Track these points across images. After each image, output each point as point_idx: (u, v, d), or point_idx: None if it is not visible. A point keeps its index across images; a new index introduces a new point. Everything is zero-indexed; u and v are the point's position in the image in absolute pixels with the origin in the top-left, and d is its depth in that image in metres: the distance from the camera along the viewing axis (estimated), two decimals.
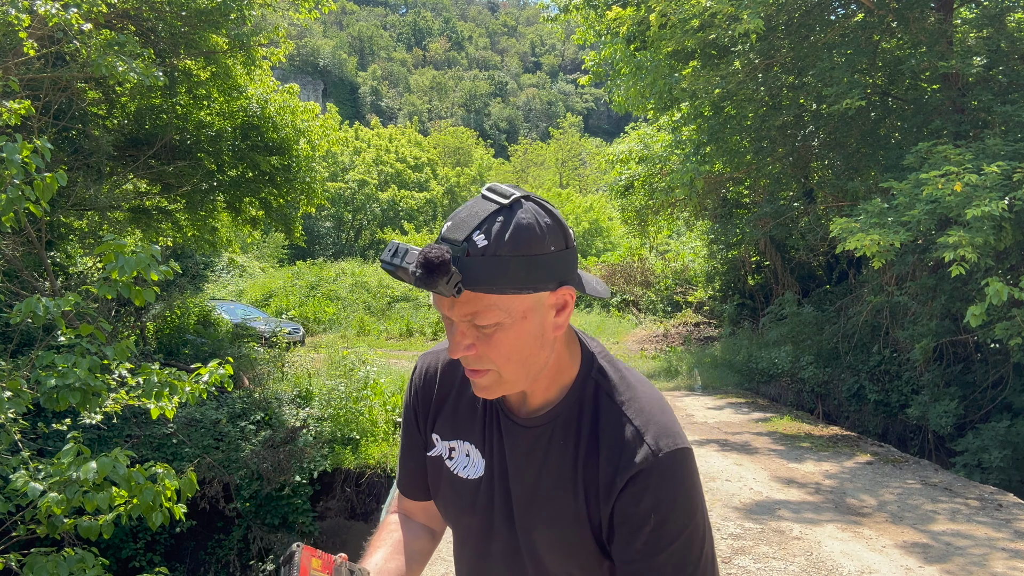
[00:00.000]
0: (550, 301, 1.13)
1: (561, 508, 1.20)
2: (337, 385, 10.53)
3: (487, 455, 1.28)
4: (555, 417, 1.22)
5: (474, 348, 1.12)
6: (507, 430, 1.26)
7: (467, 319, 1.10)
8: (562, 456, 1.21)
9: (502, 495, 1.26)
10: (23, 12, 6.16)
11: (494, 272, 1.06)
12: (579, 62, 30.47)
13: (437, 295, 1.09)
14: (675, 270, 21.08)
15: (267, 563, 9.39)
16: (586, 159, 52.05)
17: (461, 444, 1.31)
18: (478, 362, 1.14)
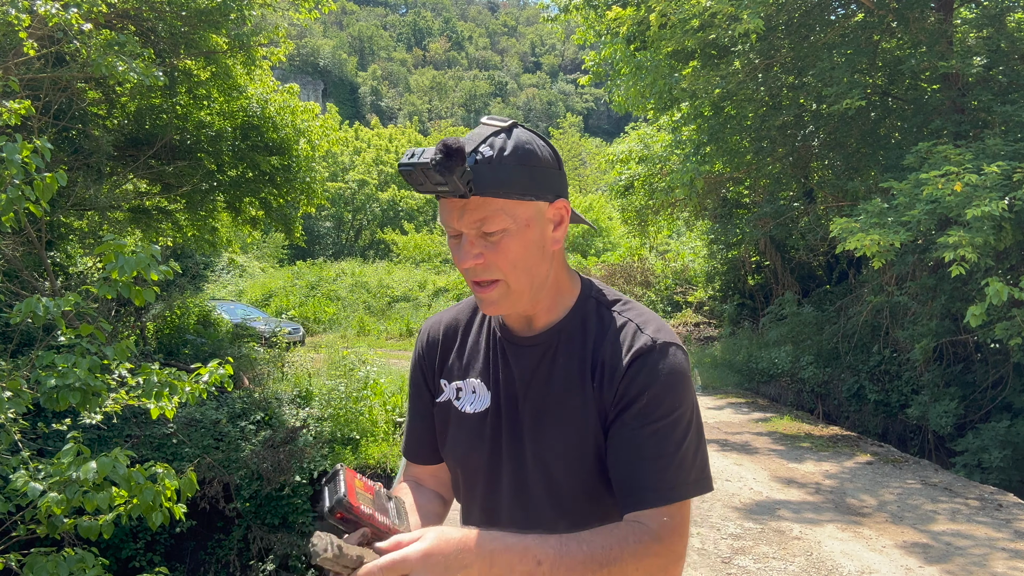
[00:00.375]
0: (549, 214, 1.25)
1: (571, 411, 1.26)
2: (337, 385, 10.53)
3: (492, 386, 1.35)
4: (559, 331, 1.31)
5: (483, 257, 1.21)
6: (512, 353, 1.34)
7: (476, 226, 1.19)
8: (568, 364, 1.29)
9: (510, 419, 1.32)
10: (23, 12, 6.16)
11: (500, 177, 1.17)
12: (579, 62, 30.47)
13: (447, 209, 1.20)
14: (675, 270, 21.07)
15: (267, 563, 9.39)
16: (586, 159, 52.01)
17: (467, 383, 1.38)
18: (486, 271, 1.22)
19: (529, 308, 1.30)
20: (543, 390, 1.30)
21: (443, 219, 1.24)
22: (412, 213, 38.77)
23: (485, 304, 1.26)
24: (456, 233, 1.22)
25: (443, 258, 31.07)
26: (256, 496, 9.49)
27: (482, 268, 1.22)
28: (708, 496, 6.52)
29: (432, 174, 1.13)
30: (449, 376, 1.41)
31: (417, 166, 1.14)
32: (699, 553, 5.20)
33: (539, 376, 1.31)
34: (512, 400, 1.32)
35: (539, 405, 1.29)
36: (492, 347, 1.38)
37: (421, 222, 38.21)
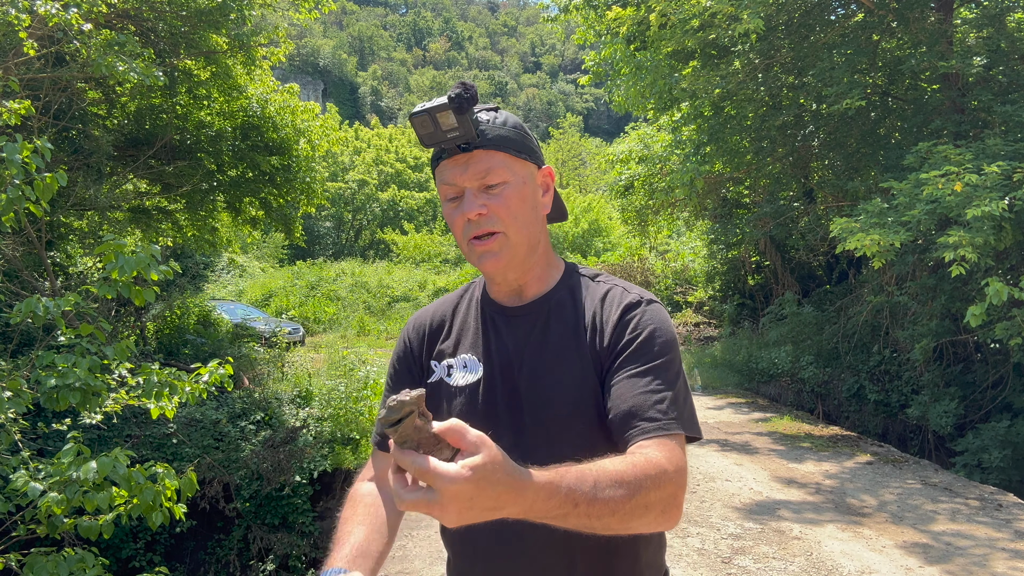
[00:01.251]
0: (539, 179, 1.37)
1: (567, 373, 1.32)
2: (337, 385, 10.53)
3: (484, 357, 1.39)
4: (549, 299, 1.39)
5: (486, 208, 1.29)
6: (504, 323, 1.40)
7: (479, 178, 1.29)
8: (561, 329, 1.36)
9: (506, 386, 1.35)
10: (23, 12, 6.15)
11: (501, 134, 1.30)
12: (579, 62, 30.47)
13: (449, 167, 1.29)
14: (675, 270, 21.07)
15: (267, 563, 9.39)
16: (586, 159, 52.05)
17: (458, 359, 1.42)
18: (489, 222, 1.29)
19: (521, 274, 1.37)
20: (538, 355, 1.35)
21: (445, 178, 1.31)
22: (412, 213, 38.77)
23: (486, 256, 1.31)
24: (457, 193, 1.31)
25: (443, 258, 31.07)
26: (256, 496, 9.49)
27: (485, 219, 1.29)
28: (708, 496, 6.53)
29: (446, 118, 1.22)
30: (440, 357, 1.44)
31: (432, 109, 1.22)
32: (699, 553, 5.20)
33: (533, 342, 1.36)
34: (507, 368, 1.36)
35: (535, 370, 1.33)
36: (482, 322, 1.42)
37: (421, 222, 38.21)
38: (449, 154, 1.29)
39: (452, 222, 1.33)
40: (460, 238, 1.34)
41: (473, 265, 1.37)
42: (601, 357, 1.31)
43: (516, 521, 1.03)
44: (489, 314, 1.42)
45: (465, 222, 1.30)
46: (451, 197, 1.32)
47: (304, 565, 9.58)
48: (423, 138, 1.25)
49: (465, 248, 1.34)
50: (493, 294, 1.44)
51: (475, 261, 1.34)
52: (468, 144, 1.27)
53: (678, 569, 4.91)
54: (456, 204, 1.31)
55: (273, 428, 10.01)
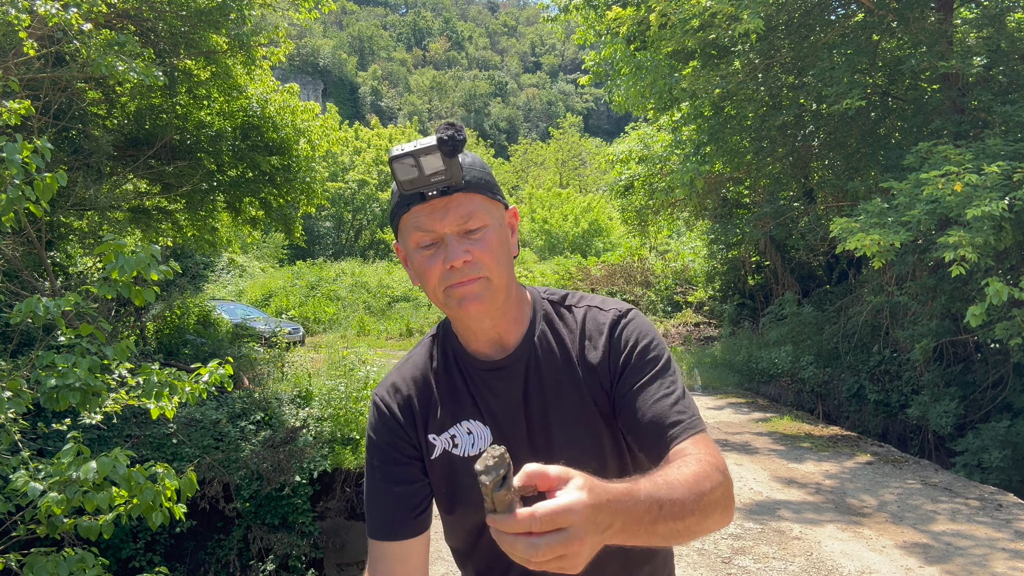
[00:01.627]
0: (507, 219, 1.32)
1: (574, 414, 1.31)
2: (337, 385, 10.53)
3: (489, 420, 1.34)
4: (532, 340, 1.36)
5: (470, 254, 1.23)
6: (496, 380, 1.35)
7: (460, 223, 1.23)
8: (553, 369, 1.34)
9: (518, 443, 1.31)
10: (23, 12, 6.15)
11: (477, 175, 1.25)
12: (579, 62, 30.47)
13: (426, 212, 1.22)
14: (675, 270, 21.07)
15: (267, 563, 9.39)
16: (586, 159, 52.02)
17: (459, 427, 1.35)
18: (473, 268, 1.23)
19: (499, 320, 1.31)
20: (540, 405, 1.32)
21: (420, 225, 1.23)
22: None
23: (468, 299, 1.24)
24: (434, 240, 1.24)
25: None
26: (256, 496, 9.49)
27: (470, 266, 1.23)
28: None
29: (432, 161, 1.16)
30: (438, 429, 1.36)
31: (418, 152, 1.16)
32: (699, 553, 5.20)
33: (532, 392, 1.33)
34: (515, 425, 1.33)
35: (543, 420, 1.32)
36: (472, 383, 1.36)
37: None
38: (424, 199, 1.22)
39: (426, 271, 1.25)
40: (435, 286, 1.26)
41: (450, 312, 1.30)
42: (603, 385, 1.31)
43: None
44: (475, 373, 1.36)
45: (446, 270, 1.23)
46: (426, 244, 1.25)
47: (304, 565, 9.58)
48: (404, 184, 1.18)
49: (440, 296, 1.26)
50: (473, 348, 1.36)
51: (454, 306, 1.26)
52: (449, 188, 1.21)
53: (678, 569, 4.91)
54: (432, 251, 1.24)
55: (273, 428, 10.01)
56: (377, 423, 1.40)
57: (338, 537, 9.81)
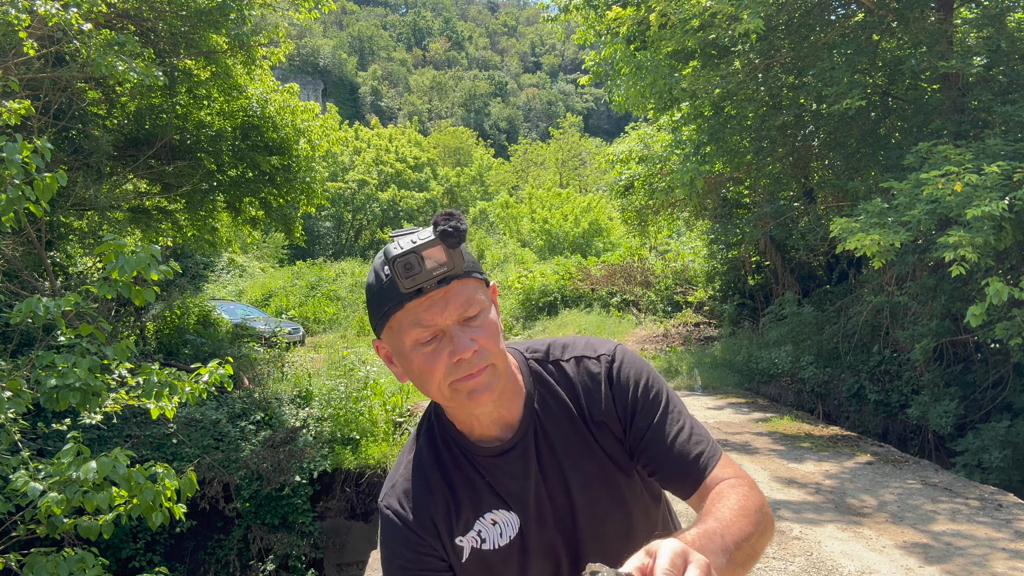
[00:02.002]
0: (492, 297, 1.26)
1: (593, 474, 1.31)
2: (337, 385, 10.53)
3: (512, 504, 1.31)
4: (532, 406, 1.32)
5: (475, 343, 1.17)
6: (508, 464, 1.31)
7: (460, 312, 1.17)
8: (558, 426, 1.32)
9: (544, 521, 1.31)
10: (23, 12, 6.16)
11: (467, 259, 1.18)
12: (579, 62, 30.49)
13: (425, 307, 1.16)
14: (675, 270, 21.06)
15: (267, 563, 9.39)
16: (586, 159, 52.00)
17: (483, 521, 1.31)
18: (480, 358, 1.18)
19: (502, 403, 1.27)
20: (558, 472, 1.31)
21: (419, 321, 1.16)
22: (412, 213, 38.79)
23: (478, 391, 1.19)
24: (434, 335, 1.17)
25: None
26: (256, 496, 9.49)
27: (477, 356, 1.18)
28: None
29: (435, 255, 1.12)
30: (464, 530, 1.31)
31: (419, 248, 1.10)
32: None
33: (546, 462, 1.31)
34: (540, 505, 1.31)
35: (563, 487, 1.31)
36: (486, 472, 1.32)
37: (421, 222, 38.20)
38: (421, 293, 1.14)
39: (430, 369, 1.18)
40: (439, 383, 1.19)
41: (457, 406, 1.24)
42: (613, 435, 1.32)
43: None
44: (486, 461, 1.32)
45: (452, 364, 1.17)
46: (426, 340, 1.17)
47: (304, 565, 9.58)
48: (405, 284, 1.11)
49: (446, 392, 1.20)
50: (477, 434, 1.31)
51: (464, 400, 1.20)
52: (448, 278, 1.15)
53: None
54: (433, 347, 1.17)
55: (273, 428, 10.01)
56: (395, 540, 1.30)
57: (338, 537, 9.81)
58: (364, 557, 8.07)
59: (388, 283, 1.16)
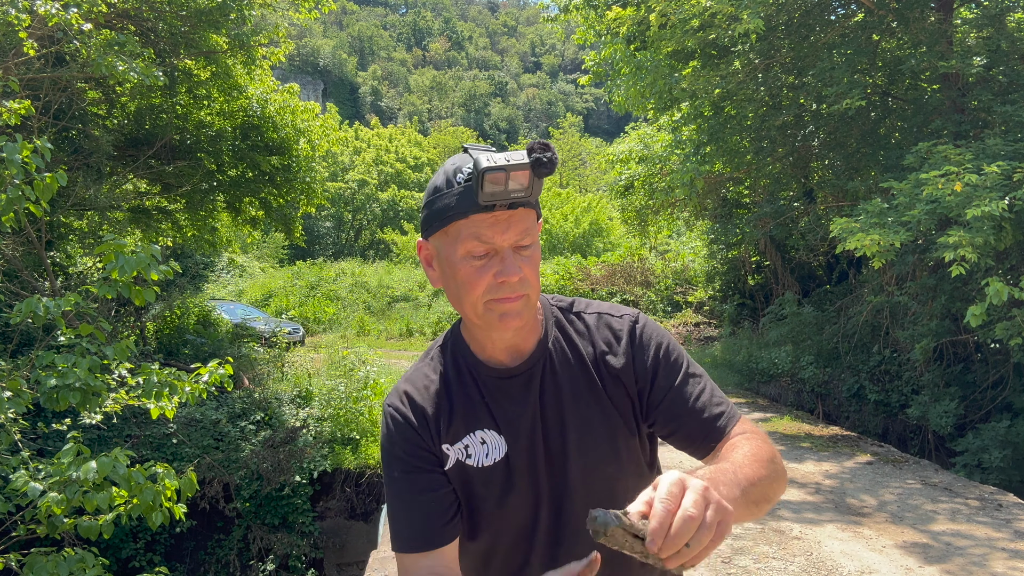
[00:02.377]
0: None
1: (590, 419, 1.33)
2: (337, 385, 10.53)
3: (503, 428, 1.33)
4: (547, 344, 1.36)
5: (521, 271, 1.22)
6: (511, 388, 1.34)
7: (516, 239, 1.22)
8: (569, 374, 1.35)
9: (533, 451, 1.32)
10: (23, 12, 6.16)
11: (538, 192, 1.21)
12: (579, 62, 30.49)
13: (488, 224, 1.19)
14: (675, 270, 21.06)
15: (267, 563, 9.39)
16: (586, 159, 52.02)
17: (472, 437, 1.33)
18: (521, 286, 1.23)
19: (522, 330, 1.31)
20: (557, 409, 1.32)
21: (478, 234, 1.20)
22: (412, 213, 38.77)
23: (509, 315, 1.23)
24: (488, 251, 1.21)
25: None
26: (256, 496, 9.49)
27: (520, 283, 1.22)
28: None
29: (520, 178, 1.15)
30: (452, 439, 1.33)
31: (511, 167, 1.13)
32: None
33: (548, 397, 1.33)
34: (531, 434, 1.32)
35: (559, 425, 1.32)
36: (487, 392, 1.34)
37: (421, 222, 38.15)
38: (488, 209, 1.18)
39: (474, 282, 1.22)
40: (477, 298, 1.23)
41: (484, 324, 1.27)
42: (627, 390, 1.34)
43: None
44: (490, 381, 1.34)
45: (495, 284, 1.21)
46: (478, 254, 1.21)
47: (304, 565, 9.58)
48: (484, 196, 1.15)
49: (480, 308, 1.24)
50: (488, 355, 1.34)
51: (494, 320, 1.24)
52: (519, 204, 1.19)
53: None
54: (483, 263, 1.21)
55: (273, 428, 10.01)
56: (393, 433, 1.34)
57: (338, 537, 9.81)
58: (364, 557, 8.06)
59: (462, 191, 1.20)
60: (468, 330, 1.36)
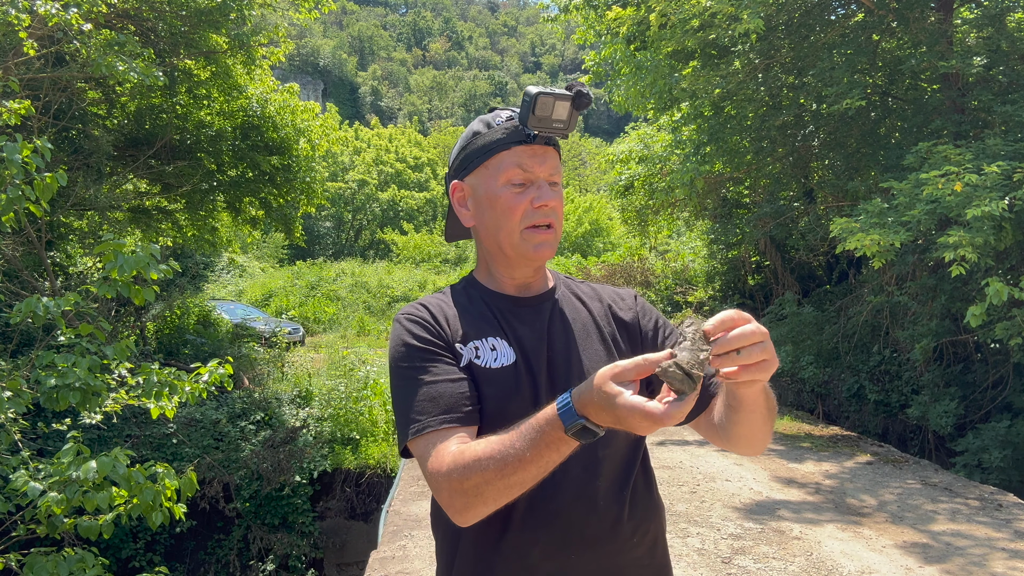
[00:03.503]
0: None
1: (597, 349, 1.43)
2: (337, 385, 10.53)
3: (513, 342, 1.40)
4: (554, 292, 1.49)
5: (553, 200, 1.38)
6: (520, 313, 1.44)
7: (551, 174, 1.38)
8: (576, 315, 1.47)
9: (539, 369, 1.39)
10: (23, 12, 6.16)
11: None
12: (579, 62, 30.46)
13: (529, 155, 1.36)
14: (675, 270, 21.05)
15: (267, 563, 9.39)
16: (586, 159, 51.98)
17: (483, 342, 1.39)
18: (553, 214, 1.39)
19: (541, 270, 1.48)
20: (564, 339, 1.42)
21: (520, 163, 1.36)
22: (412, 213, 38.77)
23: (543, 246, 1.38)
24: (526, 180, 1.37)
25: (443, 258, 31.06)
26: (256, 496, 9.49)
27: (552, 211, 1.38)
28: (708, 496, 6.53)
29: (562, 108, 1.31)
30: (465, 340, 1.38)
31: (559, 96, 1.30)
32: (699, 553, 5.20)
33: (555, 329, 1.43)
34: (536, 352, 1.40)
35: (567, 351, 1.41)
36: (497, 311, 1.44)
37: (421, 222, 38.22)
38: (532, 142, 1.36)
39: (513, 207, 1.36)
40: (516, 223, 1.37)
41: (517, 252, 1.39)
42: (630, 338, 1.48)
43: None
44: (503, 306, 1.44)
45: (531, 209, 1.36)
46: (517, 182, 1.37)
47: (304, 565, 9.58)
48: (531, 119, 1.30)
49: (516, 235, 1.37)
50: (499, 286, 1.46)
51: (529, 249, 1.38)
52: (550, 139, 1.37)
53: (678, 569, 4.91)
54: (521, 189, 1.37)
55: (273, 428, 10.01)
56: (412, 329, 1.37)
57: (338, 537, 9.81)
58: (364, 557, 8.06)
59: (505, 125, 1.38)
60: (486, 269, 1.48)
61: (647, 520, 1.42)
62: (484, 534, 1.32)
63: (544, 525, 1.31)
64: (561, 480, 1.30)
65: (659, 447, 8.45)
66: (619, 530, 1.36)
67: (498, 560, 1.32)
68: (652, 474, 1.49)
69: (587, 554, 1.32)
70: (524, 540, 1.32)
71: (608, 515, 1.35)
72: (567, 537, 1.32)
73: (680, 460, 7.86)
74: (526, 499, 1.27)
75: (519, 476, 1.14)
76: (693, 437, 9.01)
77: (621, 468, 1.39)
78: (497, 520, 1.29)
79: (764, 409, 1.25)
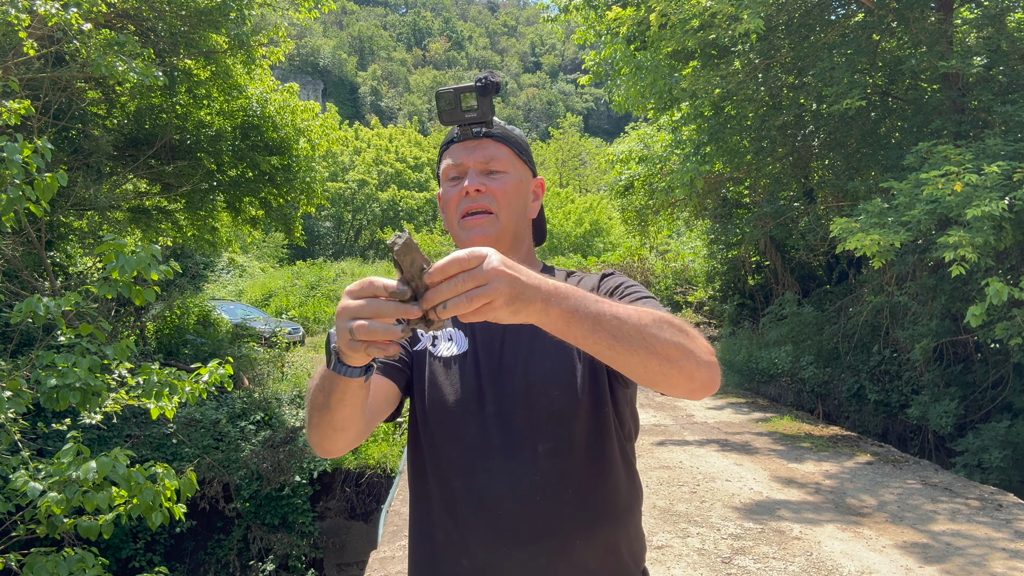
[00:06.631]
0: (532, 185, 1.49)
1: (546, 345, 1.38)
2: None
3: (469, 333, 1.44)
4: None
5: (485, 187, 1.39)
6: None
7: (483, 162, 1.40)
8: None
9: (489, 357, 1.41)
10: (23, 12, 6.16)
11: (507, 133, 1.45)
12: (579, 62, 30.48)
13: (458, 149, 1.40)
14: (675, 270, 21.06)
15: (267, 563, 9.39)
16: (586, 159, 51.99)
17: (443, 331, 1.46)
18: (484, 199, 1.39)
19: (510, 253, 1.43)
20: (517, 333, 1.41)
21: (452, 158, 1.41)
22: (412, 213, 38.76)
23: (476, 231, 1.38)
24: (460, 173, 1.41)
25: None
26: (256, 496, 9.49)
27: (482, 196, 1.38)
28: (708, 496, 6.53)
29: (468, 99, 1.32)
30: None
31: (458, 89, 1.33)
32: (699, 553, 5.20)
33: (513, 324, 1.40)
34: (490, 343, 1.42)
35: (517, 345, 1.41)
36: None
37: (421, 222, 38.20)
38: (461, 138, 1.40)
39: (448, 200, 1.41)
40: (453, 215, 1.41)
41: (460, 241, 1.41)
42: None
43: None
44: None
45: (461, 197, 1.39)
46: (452, 176, 1.42)
47: (304, 565, 9.58)
48: (443, 114, 1.34)
49: (455, 226, 1.41)
50: None
51: (464, 237, 1.39)
52: (479, 130, 1.39)
53: (678, 569, 4.92)
54: (456, 183, 1.41)
55: (273, 428, 10.01)
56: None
57: (338, 537, 9.81)
58: (364, 557, 8.06)
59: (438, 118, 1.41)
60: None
61: (598, 524, 1.36)
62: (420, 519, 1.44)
63: (473, 515, 1.35)
64: (495, 470, 1.34)
65: (659, 447, 8.45)
66: (556, 529, 1.33)
67: (436, 549, 1.40)
68: (623, 480, 1.42)
69: (518, 552, 1.32)
70: (456, 528, 1.36)
71: (544, 512, 1.32)
72: (498, 530, 1.33)
73: (680, 460, 7.86)
74: (461, 487, 1.35)
75: (317, 399, 1.19)
76: (693, 437, 9.01)
77: (569, 465, 1.35)
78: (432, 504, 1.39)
79: (604, 336, 1.03)
